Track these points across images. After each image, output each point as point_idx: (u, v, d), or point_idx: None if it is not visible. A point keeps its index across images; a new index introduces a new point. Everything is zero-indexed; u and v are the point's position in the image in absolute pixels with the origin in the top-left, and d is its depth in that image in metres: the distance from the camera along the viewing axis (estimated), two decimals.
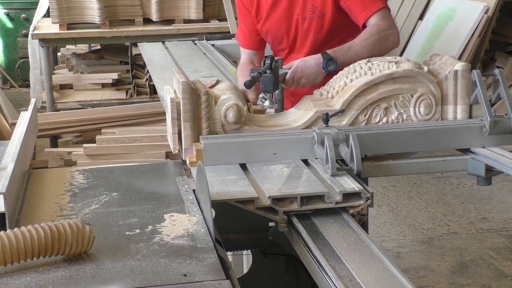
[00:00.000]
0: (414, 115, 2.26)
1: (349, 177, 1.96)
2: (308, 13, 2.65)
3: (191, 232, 1.69)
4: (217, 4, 6.52)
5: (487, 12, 5.77)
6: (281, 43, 2.76)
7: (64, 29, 6.12)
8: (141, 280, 1.46)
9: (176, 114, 2.12)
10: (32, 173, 2.15)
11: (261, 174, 2.00)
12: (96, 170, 2.18)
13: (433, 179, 5.56)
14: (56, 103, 6.22)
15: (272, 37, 2.77)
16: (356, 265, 1.58)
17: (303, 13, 2.65)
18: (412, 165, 2.23)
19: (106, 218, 1.78)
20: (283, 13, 2.69)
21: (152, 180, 2.07)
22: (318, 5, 2.63)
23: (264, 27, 2.75)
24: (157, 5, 6.26)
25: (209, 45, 4.46)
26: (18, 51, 9.43)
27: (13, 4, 9.41)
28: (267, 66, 2.28)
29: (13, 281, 1.45)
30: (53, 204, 1.89)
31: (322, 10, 2.63)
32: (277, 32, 2.73)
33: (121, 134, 5.09)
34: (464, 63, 2.29)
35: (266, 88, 2.28)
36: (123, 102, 6.20)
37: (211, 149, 2.08)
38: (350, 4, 2.58)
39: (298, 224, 1.81)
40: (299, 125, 2.20)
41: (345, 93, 2.22)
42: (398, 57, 2.34)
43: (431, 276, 4.09)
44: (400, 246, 4.48)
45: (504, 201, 5.15)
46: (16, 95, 8.23)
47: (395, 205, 5.13)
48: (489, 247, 4.43)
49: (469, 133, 2.22)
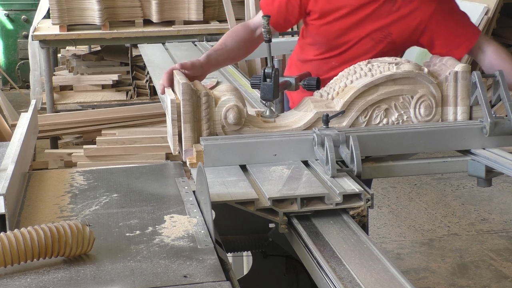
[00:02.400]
0: (414, 116, 2.26)
1: (349, 179, 1.96)
2: (379, 36, 2.54)
3: (191, 233, 1.69)
4: (217, 5, 6.52)
5: (487, 13, 5.77)
6: (330, 50, 2.62)
7: (64, 30, 6.12)
8: (141, 282, 1.46)
9: (176, 116, 2.12)
10: (32, 174, 2.15)
11: (261, 175, 2.00)
12: (96, 171, 2.18)
13: (433, 181, 5.56)
14: (56, 104, 6.22)
15: (324, 39, 2.61)
16: (356, 266, 1.58)
17: (374, 34, 2.54)
18: (412, 166, 2.23)
19: (106, 220, 1.78)
20: (352, 25, 2.55)
21: (152, 181, 2.07)
22: (394, 32, 2.52)
23: (322, 28, 2.58)
24: (157, 6, 6.26)
25: (209, 46, 4.46)
26: (18, 52, 9.44)
27: (13, 6, 9.41)
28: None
29: (13, 283, 1.45)
30: (53, 205, 1.89)
31: (395, 38, 2.53)
32: (335, 39, 2.59)
33: (121, 135, 5.09)
34: (464, 65, 2.29)
35: (266, 97, 2.26)
36: (123, 104, 6.20)
37: (211, 150, 2.08)
38: (444, 40, 2.50)
39: (298, 225, 1.81)
40: (299, 127, 2.20)
41: (345, 94, 2.22)
42: (398, 58, 2.34)
43: (431, 277, 4.09)
44: (400, 247, 4.48)
45: (504, 203, 5.15)
46: (16, 96, 8.24)
47: (395, 207, 5.13)
48: (489, 248, 4.43)
49: (469, 134, 2.22)
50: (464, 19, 2.60)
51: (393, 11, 2.52)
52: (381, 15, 2.53)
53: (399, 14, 2.53)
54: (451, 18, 2.55)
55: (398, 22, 2.53)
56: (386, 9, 2.53)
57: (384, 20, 2.53)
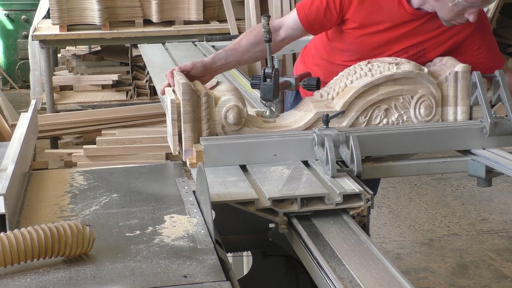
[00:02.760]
0: (414, 117, 2.26)
1: (350, 179, 1.96)
2: (413, 51, 2.51)
3: (191, 233, 1.69)
4: (217, 5, 6.52)
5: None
6: (362, 59, 2.49)
7: (64, 30, 6.12)
8: (141, 282, 1.46)
9: (176, 116, 2.12)
10: (32, 174, 2.15)
11: (261, 175, 2.00)
12: (96, 171, 2.18)
13: (433, 181, 5.56)
14: (56, 104, 6.22)
15: (359, 49, 2.56)
16: (356, 266, 1.58)
17: (408, 48, 2.51)
18: (412, 166, 2.23)
19: (106, 220, 1.78)
20: (390, 40, 2.51)
21: (152, 181, 2.07)
22: (428, 47, 2.50)
23: (359, 39, 2.54)
24: (157, 6, 6.25)
25: (209, 46, 4.47)
26: (18, 52, 9.43)
27: (13, 6, 9.40)
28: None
29: (13, 283, 1.45)
30: (53, 205, 1.89)
31: (428, 53, 2.51)
32: (370, 51, 2.54)
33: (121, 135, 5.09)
34: (464, 65, 2.29)
35: (266, 97, 2.26)
36: (123, 104, 6.19)
37: (211, 150, 2.08)
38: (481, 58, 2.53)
39: (298, 226, 1.81)
40: (299, 127, 2.20)
41: (345, 94, 2.22)
42: (398, 59, 2.34)
43: (431, 277, 4.09)
44: (400, 247, 4.48)
45: (504, 203, 5.15)
46: (16, 96, 8.24)
47: (395, 207, 5.13)
48: (489, 248, 4.43)
49: (469, 134, 2.22)
50: (495, 45, 2.63)
51: (433, 29, 2.49)
52: (421, 32, 2.49)
53: (437, 32, 2.49)
54: (485, 43, 2.56)
55: (434, 38, 2.50)
56: (428, 27, 2.49)
57: (422, 36, 2.50)
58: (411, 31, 2.49)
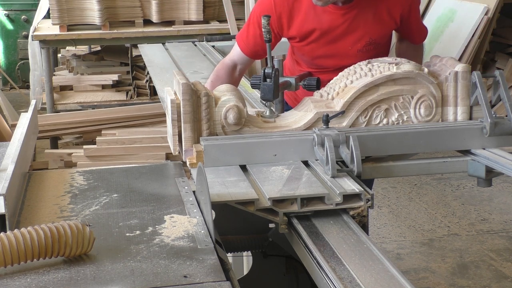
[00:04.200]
0: (414, 117, 2.26)
1: (350, 179, 1.96)
2: (364, 46, 2.58)
3: (191, 233, 1.69)
4: (217, 5, 6.52)
5: (487, 14, 5.77)
6: (319, 67, 2.67)
7: (64, 30, 6.12)
8: (141, 282, 1.46)
9: (176, 116, 2.12)
10: (32, 174, 2.15)
11: (261, 175, 2.00)
12: (96, 171, 2.18)
13: (433, 181, 5.56)
14: (56, 104, 6.22)
15: (309, 58, 2.68)
16: (356, 267, 1.58)
17: (358, 47, 2.58)
18: (412, 166, 2.23)
19: (106, 220, 1.78)
20: (333, 42, 2.59)
21: (152, 181, 2.07)
22: (375, 37, 2.58)
23: (305, 48, 2.64)
24: (157, 7, 6.26)
25: (209, 46, 4.47)
26: (18, 52, 9.44)
27: (14, 6, 9.41)
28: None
29: (13, 283, 1.45)
30: (53, 205, 1.89)
31: (378, 40, 2.59)
32: (323, 59, 2.64)
33: (121, 136, 5.09)
34: (464, 65, 2.29)
35: (266, 97, 2.26)
36: (123, 104, 6.20)
37: (211, 150, 2.08)
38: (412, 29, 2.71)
39: (298, 226, 1.81)
40: (299, 127, 2.20)
41: (345, 94, 2.22)
42: (398, 59, 2.34)
43: (431, 277, 4.09)
44: (400, 247, 4.48)
45: (504, 203, 5.15)
46: (16, 96, 8.24)
47: (395, 207, 5.13)
48: (489, 248, 4.43)
49: (469, 134, 2.22)
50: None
51: (368, 19, 2.56)
52: (358, 27, 2.57)
53: (375, 18, 2.57)
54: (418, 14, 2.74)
55: (376, 25, 2.58)
56: (360, 22, 2.56)
57: (361, 29, 2.57)
58: (346, 28, 2.56)
